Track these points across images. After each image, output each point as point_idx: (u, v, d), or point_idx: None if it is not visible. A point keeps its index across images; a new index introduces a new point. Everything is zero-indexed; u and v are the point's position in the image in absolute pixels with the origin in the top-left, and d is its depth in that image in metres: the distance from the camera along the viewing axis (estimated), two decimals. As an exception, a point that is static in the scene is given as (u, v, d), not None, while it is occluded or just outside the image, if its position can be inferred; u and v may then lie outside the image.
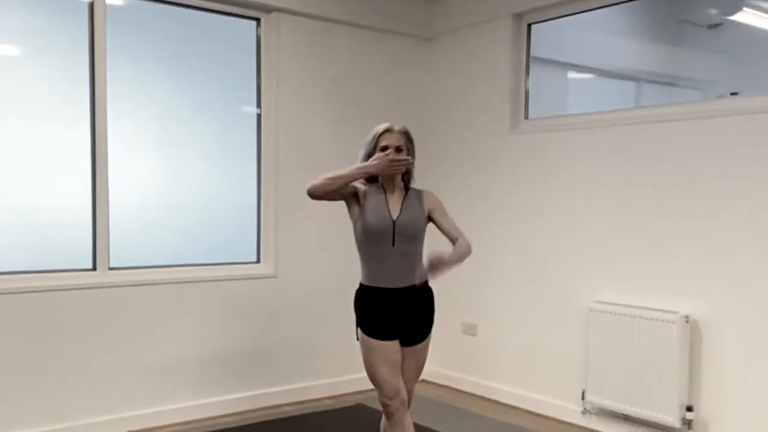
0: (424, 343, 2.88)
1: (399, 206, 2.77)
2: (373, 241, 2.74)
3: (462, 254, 2.85)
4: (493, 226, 4.73)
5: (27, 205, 3.67)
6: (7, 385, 3.54)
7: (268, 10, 4.33)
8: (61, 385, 3.71)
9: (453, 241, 2.88)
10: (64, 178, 3.79)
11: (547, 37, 4.56)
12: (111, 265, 3.91)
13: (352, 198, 2.75)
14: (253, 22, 4.38)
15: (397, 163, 2.61)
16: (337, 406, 4.41)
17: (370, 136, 2.85)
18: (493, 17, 4.61)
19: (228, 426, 4.05)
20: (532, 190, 4.48)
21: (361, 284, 2.84)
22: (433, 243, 2.99)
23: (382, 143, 2.74)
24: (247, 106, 4.46)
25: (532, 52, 4.58)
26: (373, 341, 2.72)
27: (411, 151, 2.81)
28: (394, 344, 2.75)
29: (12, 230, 3.64)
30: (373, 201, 2.73)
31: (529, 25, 4.55)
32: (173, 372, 4.11)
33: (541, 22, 4.50)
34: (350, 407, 4.39)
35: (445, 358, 5.07)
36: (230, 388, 4.31)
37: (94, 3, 3.77)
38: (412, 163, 2.77)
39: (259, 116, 4.45)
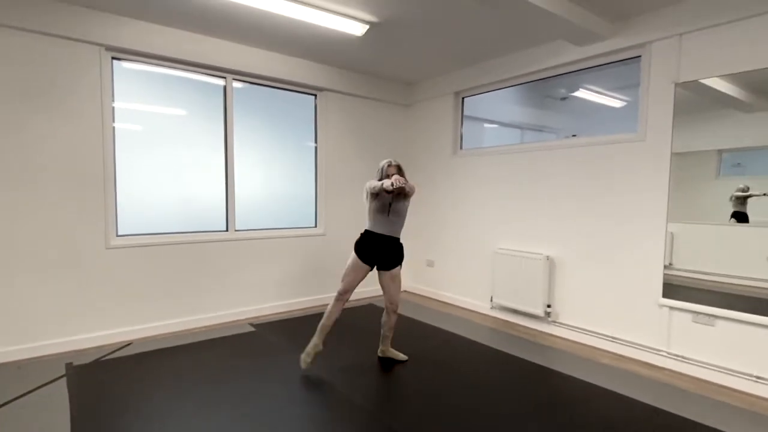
0: (396, 269, 2.83)
1: (392, 199, 2.75)
2: (378, 211, 2.75)
3: (412, 187, 2.74)
4: (442, 207, 4.75)
5: (191, 195, 3.72)
6: (182, 291, 3.64)
7: (320, 89, 4.34)
8: (209, 291, 3.79)
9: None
10: (211, 180, 3.83)
11: (472, 105, 4.54)
12: (236, 228, 3.97)
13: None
14: (313, 96, 4.39)
15: (402, 181, 2.54)
16: (357, 305, 4.42)
17: (380, 167, 2.81)
18: (443, 93, 4.63)
19: (299, 315, 4.09)
20: (464, 187, 4.49)
21: (366, 230, 2.81)
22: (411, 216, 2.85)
23: (388, 171, 2.75)
24: (309, 142, 4.43)
25: (465, 113, 4.59)
26: (359, 261, 2.75)
27: (403, 174, 2.77)
28: (367, 267, 2.76)
29: (183, 209, 3.69)
30: (383, 194, 2.69)
31: (463, 98, 4.58)
32: (269, 285, 4.14)
33: (469, 96, 4.52)
34: (364, 306, 4.42)
35: (416, 280, 5.12)
36: (300, 294, 4.36)
37: (226, 86, 3.83)
38: (406, 182, 2.63)
39: (315, 148, 4.46)
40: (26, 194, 2.98)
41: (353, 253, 2.79)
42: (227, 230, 3.93)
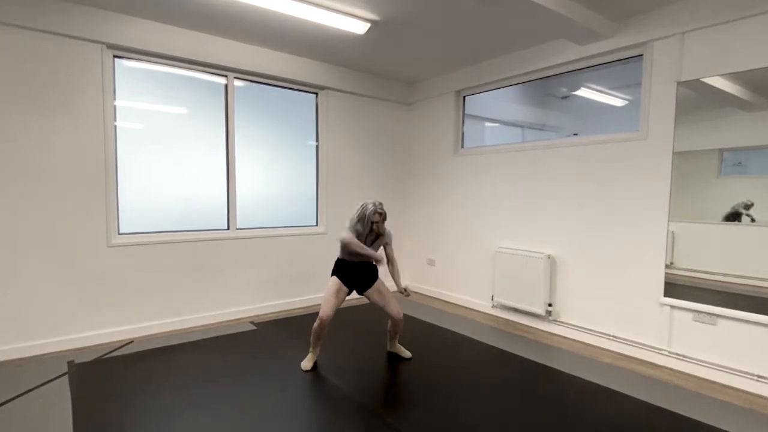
0: (377, 284, 2.82)
1: (371, 238, 2.75)
2: (352, 254, 2.75)
3: (398, 274, 2.85)
4: (443, 206, 4.75)
5: (192, 194, 3.73)
6: (183, 289, 3.64)
7: (321, 88, 4.34)
8: (210, 290, 3.80)
9: (389, 260, 2.84)
10: (212, 179, 3.83)
11: (474, 103, 4.53)
12: (237, 227, 3.98)
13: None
14: (314, 95, 4.39)
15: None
16: (358, 304, 4.42)
17: (362, 211, 2.66)
18: (445, 92, 4.63)
19: (300, 314, 4.06)
20: (465, 186, 4.49)
21: (339, 258, 2.81)
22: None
23: (372, 219, 2.64)
24: (311, 140, 4.43)
25: (466, 112, 4.59)
26: (341, 284, 2.75)
27: (384, 218, 2.69)
28: (347, 290, 2.76)
29: (184, 208, 3.70)
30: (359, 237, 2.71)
31: (464, 97, 4.57)
32: (271, 283, 4.14)
33: (470, 95, 4.52)
34: (365, 304, 4.42)
35: (418, 279, 5.12)
36: (301, 292, 4.35)
37: (227, 84, 3.82)
38: (383, 227, 2.67)
39: (317, 147, 4.46)
40: (28, 193, 2.98)
41: (333, 278, 2.77)
42: (228, 229, 3.94)
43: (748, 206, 2.65)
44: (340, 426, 2.15)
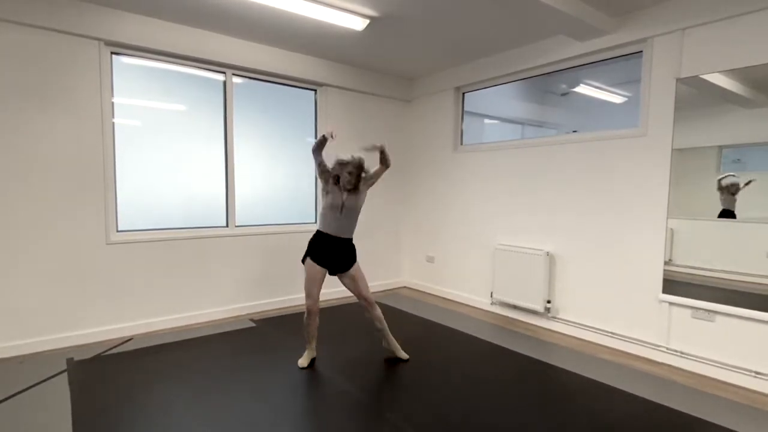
0: (353, 270, 2.73)
1: (347, 194, 2.67)
2: (330, 207, 2.66)
3: (388, 155, 2.76)
4: (442, 203, 4.74)
5: (191, 191, 3.71)
6: (182, 286, 3.64)
7: (320, 85, 4.32)
8: (209, 287, 3.78)
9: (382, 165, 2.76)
10: (211, 176, 3.82)
11: (473, 100, 4.52)
12: (236, 224, 3.96)
13: (326, 178, 2.67)
14: (313, 91, 4.38)
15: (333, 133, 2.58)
16: (357, 301, 4.43)
17: (335, 161, 2.66)
18: (444, 89, 4.62)
19: (299, 311, 4.02)
20: (464, 183, 4.49)
21: (317, 230, 2.71)
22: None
23: (341, 171, 2.64)
24: (310, 137, 4.41)
25: (465, 108, 4.58)
26: (313, 264, 2.65)
27: (363, 172, 2.65)
28: (323, 270, 2.67)
29: (183, 205, 3.69)
30: (335, 189, 2.67)
31: (464, 93, 4.56)
32: (270, 280, 4.10)
33: (470, 91, 4.51)
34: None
35: (416, 275, 5.12)
36: (301, 289, 4.19)
37: (226, 81, 3.81)
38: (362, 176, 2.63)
39: None
40: (26, 190, 2.98)
41: (308, 263, 2.68)
42: (227, 226, 3.93)
43: (735, 183, 2.66)
44: (339, 422, 2.15)
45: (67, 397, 2.38)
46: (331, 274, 2.75)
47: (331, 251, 2.69)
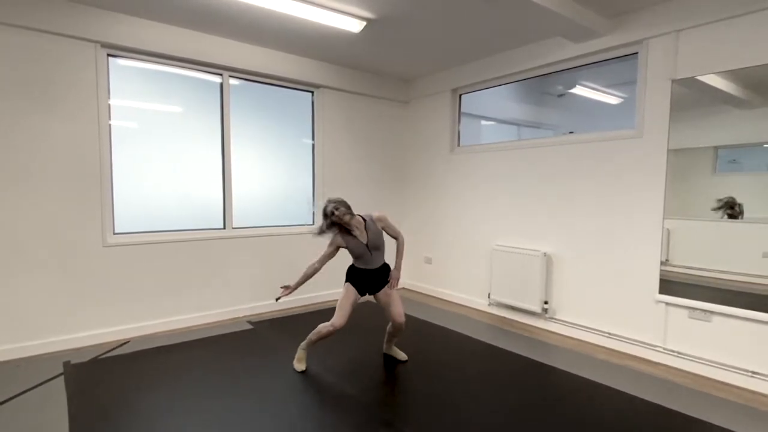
0: (385, 288, 2.77)
1: (366, 235, 2.68)
2: (358, 257, 2.71)
3: (401, 253, 2.79)
4: (440, 204, 4.74)
5: (188, 193, 3.71)
6: (179, 289, 3.63)
7: (317, 86, 4.33)
8: (207, 289, 3.78)
9: (394, 237, 2.78)
10: (208, 178, 3.82)
11: (470, 102, 4.53)
12: (234, 226, 3.96)
13: (340, 249, 2.70)
14: (310, 93, 4.38)
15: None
16: (358, 304, 4.39)
17: (325, 212, 2.61)
18: (441, 90, 4.63)
19: (297, 313, 4.06)
20: (461, 184, 4.49)
21: (351, 265, 2.77)
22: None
23: (341, 219, 2.59)
24: (307, 139, 4.42)
25: (462, 110, 4.59)
26: (354, 290, 2.70)
27: (346, 212, 2.58)
28: (359, 296, 2.72)
29: (180, 207, 3.69)
30: (352, 242, 2.66)
31: (460, 95, 4.57)
32: (267, 282, 4.10)
33: (466, 93, 4.52)
34: (364, 304, 4.35)
35: (415, 277, 5.12)
36: (298, 291, 4.19)
37: (222, 83, 3.81)
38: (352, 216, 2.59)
39: (313, 145, 4.45)
40: (22, 192, 2.97)
41: (347, 285, 2.73)
42: (224, 228, 3.93)
43: (731, 203, 2.69)
44: (337, 424, 2.15)
45: (64, 400, 2.37)
46: (370, 294, 2.79)
47: (370, 279, 2.75)
